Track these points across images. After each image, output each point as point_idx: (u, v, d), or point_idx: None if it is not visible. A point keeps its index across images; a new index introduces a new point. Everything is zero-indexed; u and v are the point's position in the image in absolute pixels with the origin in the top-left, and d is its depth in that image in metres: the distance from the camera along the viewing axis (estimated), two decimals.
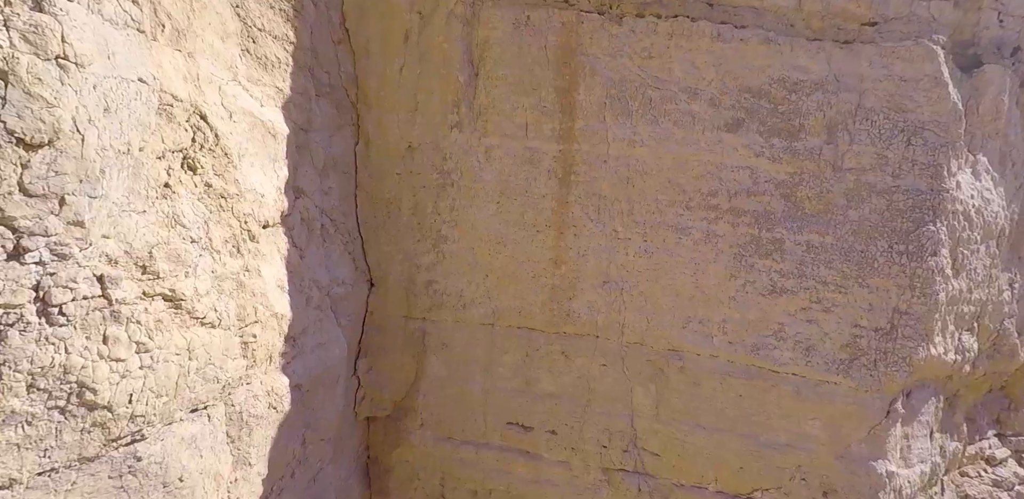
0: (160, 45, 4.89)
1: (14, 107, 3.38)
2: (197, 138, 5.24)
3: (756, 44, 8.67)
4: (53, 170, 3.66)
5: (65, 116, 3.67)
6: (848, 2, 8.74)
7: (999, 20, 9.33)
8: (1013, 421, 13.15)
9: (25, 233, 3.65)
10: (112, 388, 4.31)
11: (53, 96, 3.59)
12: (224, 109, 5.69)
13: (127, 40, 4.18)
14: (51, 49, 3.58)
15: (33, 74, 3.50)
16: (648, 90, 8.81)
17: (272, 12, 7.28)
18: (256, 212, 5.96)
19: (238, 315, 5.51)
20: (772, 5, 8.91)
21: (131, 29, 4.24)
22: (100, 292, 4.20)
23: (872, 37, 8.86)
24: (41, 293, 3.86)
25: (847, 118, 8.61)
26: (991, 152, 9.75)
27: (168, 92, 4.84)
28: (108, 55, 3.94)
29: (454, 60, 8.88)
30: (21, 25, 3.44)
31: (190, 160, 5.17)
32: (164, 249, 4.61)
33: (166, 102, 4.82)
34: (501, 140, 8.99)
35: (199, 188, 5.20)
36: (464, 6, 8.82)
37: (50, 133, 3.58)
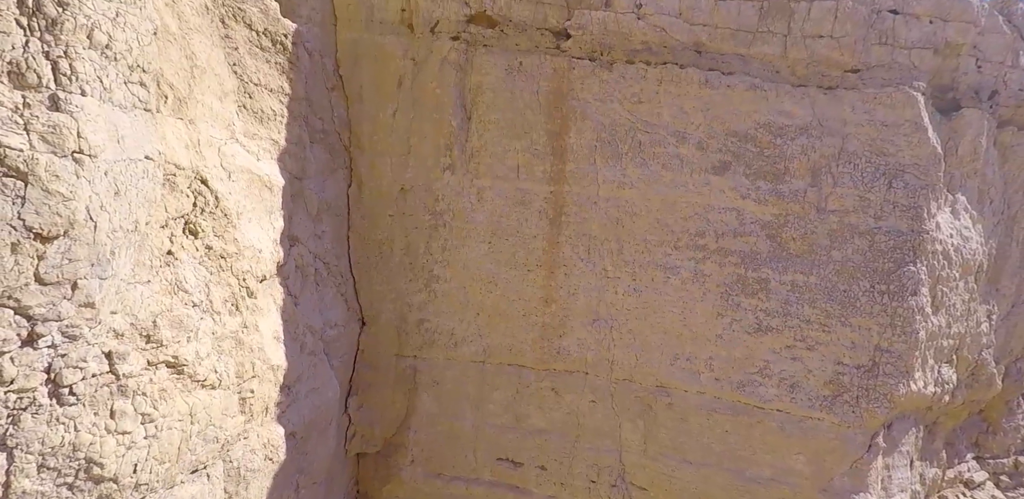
0: (164, 116, 5.03)
1: (32, 205, 3.52)
2: (198, 202, 5.39)
3: (743, 90, 8.90)
4: (67, 258, 3.80)
5: (79, 207, 3.82)
6: (832, 50, 9.01)
7: (977, 66, 9.62)
8: (991, 444, 13.46)
9: (39, 320, 3.79)
10: (118, 460, 4.44)
11: (69, 190, 3.73)
12: (223, 170, 5.84)
13: (134, 121, 4.33)
14: (68, 146, 3.73)
15: (51, 172, 3.64)
16: (638, 134, 9.02)
17: (268, 66, 7.44)
18: (254, 268, 6.11)
19: (237, 372, 5.66)
20: (758, 52, 9.15)
21: (139, 110, 4.38)
22: (108, 368, 4.34)
23: (855, 83, 9.12)
24: (52, 374, 3.99)
25: (830, 161, 8.86)
26: (970, 191, 10.05)
27: (172, 162, 4.98)
28: (118, 139, 4.08)
29: (447, 105, 9.05)
30: (40, 127, 3.58)
31: (191, 225, 5.32)
32: (167, 317, 4.75)
33: (170, 172, 4.96)
34: (493, 182, 9.17)
35: (200, 251, 5.35)
36: (457, 53, 9.00)
37: (66, 225, 3.72)
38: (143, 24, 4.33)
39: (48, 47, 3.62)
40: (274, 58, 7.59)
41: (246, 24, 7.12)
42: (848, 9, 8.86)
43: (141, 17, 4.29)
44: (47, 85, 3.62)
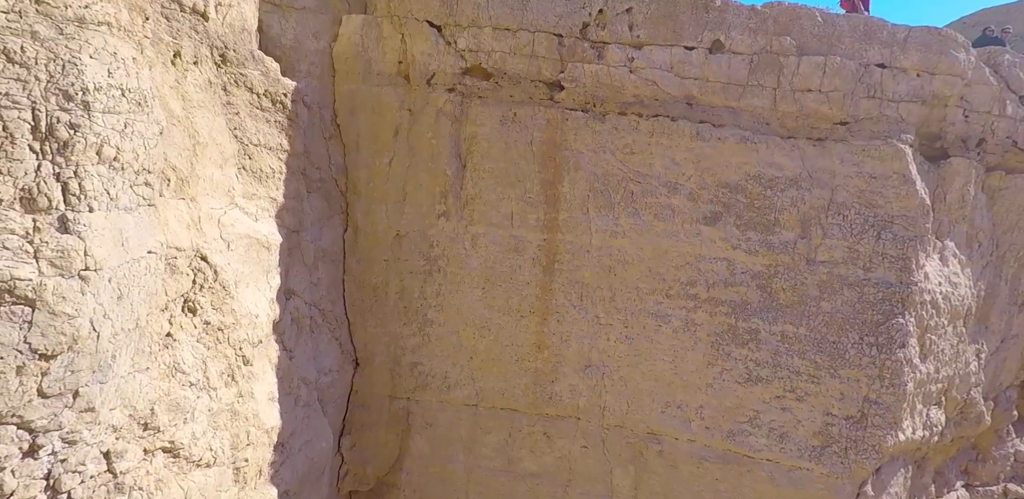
0: (166, 199, 5.21)
1: (39, 328, 3.67)
2: (197, 279, 5.56)
3: (733, 143, 9.07)
4: (70, 370, 3.94)
5: (83, 322, 3.96)
6: (821, 104, 9.18)
7: (965, 116, 9.79)
8: (981, 472, 13.44)
9: (40, 432, 3.89)
10: None
11: (74, 308, 3.88)
12: (222, 240, 6.01)
13: (139, 219, 4.50)
14: (75, 267, 3.88)
15: (58, 294, 3.79)
16: (630, 184, 9.19)
17: (268, 126, 7.64)
18: (251, 335, 6.27)
19: (232, 444, 5.78)
20: (748, 105, 9.34)
21: (143, 207, 4.55)
22: (106, 467, 4.42)
23: (844, 136, 9.29)
24: (52, 481, 4.07)
25: (820, 213, 9.01)
26: (958, 236, 10.19)
27: (173, 246, 5.15)
28: (122, 242, 4.24)
29: (442, 154, 9.24)
30: (49, 253, 3.73)
31: (191, 302, 5.48)
32: (165, 401, 4.89)
33: (171, 256, 5.13)
34: (487, 229, 9.33)
35: (198, 329, 5.51)
36: (453, 105, 9.20)
37: (69, 341, 3.86)
38: (150, 128, 4.51)
39: (59, 168, 3.80)
40: (274, 117, 7.79)
41: (247, 88, 7.33)
42: (836, 64, 9.06)
43: (148, 121, 4.47)
44: (56, 206, 3.80)
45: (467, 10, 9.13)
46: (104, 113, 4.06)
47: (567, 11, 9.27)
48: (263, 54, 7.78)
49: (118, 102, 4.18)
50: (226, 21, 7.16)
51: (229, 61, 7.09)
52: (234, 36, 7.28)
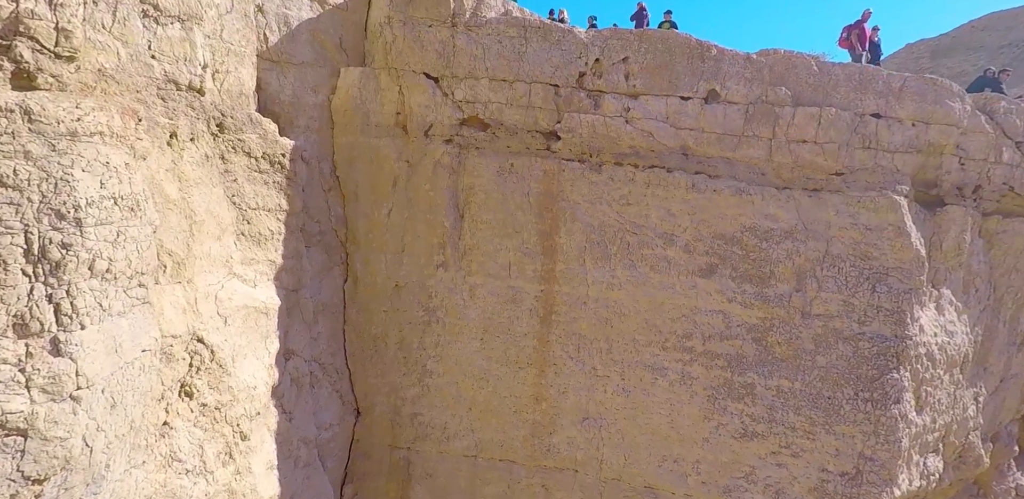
0: (162, 286, 5.28)
1: (31, 455, 3.71)
2: (194, 362, 5.62)
3: (728, 195, 9.10)
4: (63, 488, 3.97)
5: (76, 442, 4.00)
6: (816, 155, 9.22)
7: (961, 164, 9.80)
8: None
9: None
10: None
11: (67, 431, 3.92)
12: (219, 317, 6.08)
13: (133, 320, 4.56)
14: (67, 390, 3.92)
15: (50, 419, 3.84)
16: (626, 235, 9.23)
17: (266, 187, 7.70)
18: (249, 409, 6.33)
19: None
20: (744, 156, 9.37)
21: (137, 307, 4.60)
22: None
23: (839, 186, 9.31)
24: None
25: (815, 265, 9.03)
26: (955, 283, 10.19)
27: (169, 335, 5.21)
28: (115, 349, 4.30)
29: (440, 206, 9.29)
30: (41, 381, 3.77)
31: (187, 387, 5.54)
32: (161, 493, 4.94)
33: (166, 345, 5.19)
34: (485, 279, 9.37)
35: (195, 412, 5.57)
36: (450, 157, 9.26)
37: (62, 463, 3.90)
38: (143, 231, 4.57)
39: (51, 289, 3.86)
40: (272, 177, 7.86)
41: (245, 153, 7.39)
42: (831, 116, 9.10)
43: (142, 224, 4.53)
44: (49, 329, 3.85)
45: (464, 62, 9.20)
46: (97, 226, 4.12)
47: (563, 62, 9.34)
48: (260, 116, 7.85)
49: (110, 213, 4.25)
50: (223, 88, 7.23)
51: (227, 128, 7.16)
52: (231, 101, 7.35)
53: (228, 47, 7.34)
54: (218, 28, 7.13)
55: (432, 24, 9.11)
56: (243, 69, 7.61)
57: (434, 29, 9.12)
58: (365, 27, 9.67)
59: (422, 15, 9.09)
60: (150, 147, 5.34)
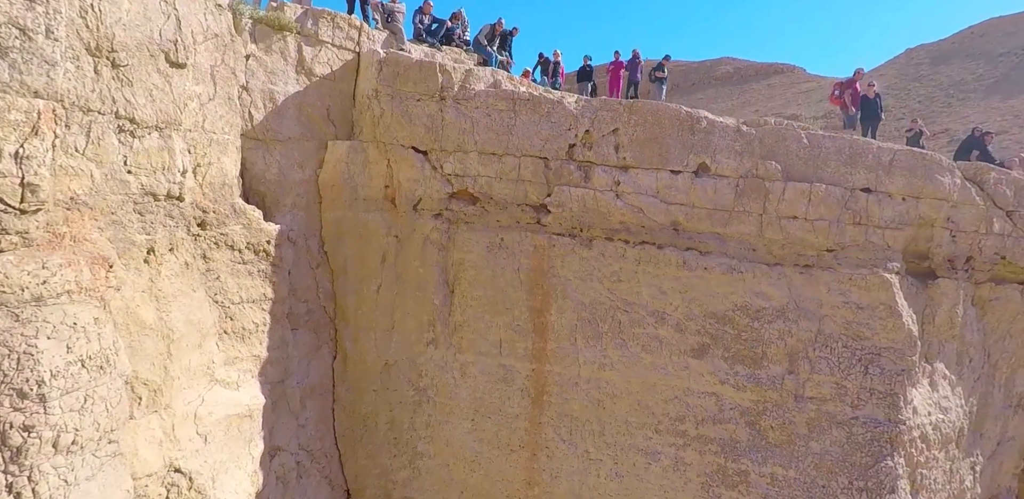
0: (136, 421, 5.10)
1: None
2: (171, 495, 5.42)
3: (720, 273, 8.99)
4: None
5: None
6: (807, 232, 9.14)
7: (952, 237, 9.73)
8: None
9: None
10: None
11: None
12: (199, 436, 5.90)
13: (103, 480, 4.34)
14: None
15: None
16: (617, 313, 9.10)
17: (250, 278, 7.54)
18: None
19: None
20: (735, 232, 9.28)
21: (107, 463, 4.39)
22: None
23: (830, 263, 9.22)
24: None
25: (807, 346, 8.91)
26: (948, 355, 10.12)
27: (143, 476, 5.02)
28: None
29: (430, 283, 9.15)
30: None
31: None
32: None
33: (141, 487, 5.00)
34: (476, 357, 9.22)
35: None
36: (439, 232, 9.13)
37: None
38: (113, 384, 4.40)
39: (11, 477, 3.68)
40: (257, 266, 7.70)
41: (228, 246, 7.24)
42: (822, 192, 9.04)
43: (111, 379, 4.37)
44: None
45: (453, 135, 9.09)
46: (62, 397, 3.96)
47: (553, 134, 9.25)
48: (244, 204, 7.70)
49: (77, 378, 4.09)
50: (205, 181, 7.08)
51: (208, 225, 7.01)
52: (214, 194, 7.20)
53: (211, 137, 7.20)
54: (199, 120, 6.99)
55: (420, 98, 9.01)
56: (226, 157, 7.46)
57: (422, 103, 9.02)
58: (353, 95, 9.55)
59: (410, 89, 8.99)
60: (124, 276, 5.18)
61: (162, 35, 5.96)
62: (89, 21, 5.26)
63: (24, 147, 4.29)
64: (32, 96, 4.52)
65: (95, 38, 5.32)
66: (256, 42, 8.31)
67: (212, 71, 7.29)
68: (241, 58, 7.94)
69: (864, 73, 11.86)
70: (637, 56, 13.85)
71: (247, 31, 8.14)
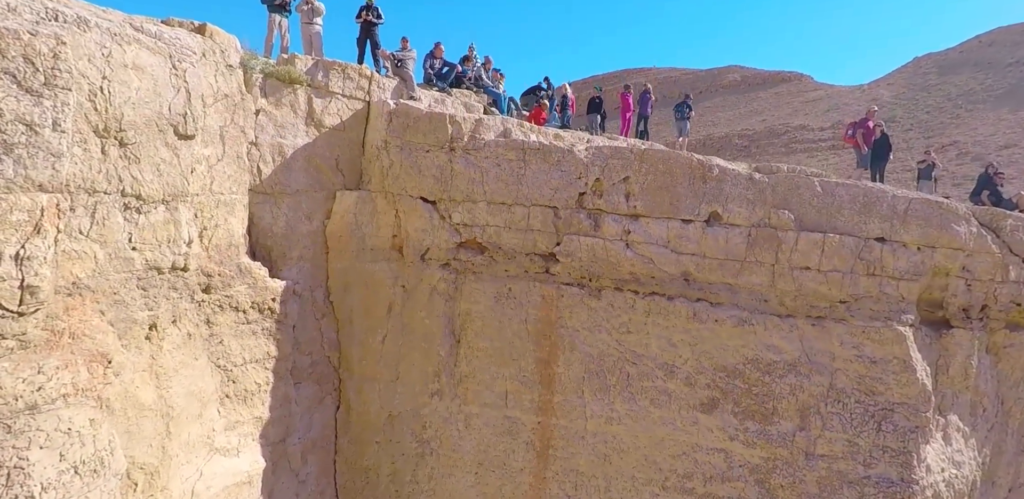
0: None
1: None
2: None
3: (731, 326, 8.86)
4: None
5: None
6: (820, 284, 8.99)
7: (967, 286, 9.56)
8: None
9: None
10: None
11: None
12: None
13: None
14: None
15: None
16: (626, 365, 8.98)
17: (254, 338, 7.47)
18: None
19: None
20: (746, 282, 9.15)
21: None
22: None
23: (843, 315, 9.08)
24: None
25: (819, 401, 8.77)
26: (961, 406, 9.94)
27: None
28: None
29: (436, 334, 9.05)
30: None
31: None
32: None
33: None
34: (481, 409, 9.11)
35: None
36: (446, 283, 9.04)
37: None
38: (108, 484, 4.34)
39: None
40: (261, 325, 7.63)
41: (233, 308, 7.17)
42: (835, 243, 8.89)
43: (105, 480, 4.30)
44: None
45: (462, 185, 9.01)
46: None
47: (563, 183, 9.15)
48: (250, 263, 7.64)
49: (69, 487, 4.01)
50: (212, 244, 7.02)
51: (213, 288, 6.94)
52: (220, 256, 7.13)
53: (218, 198, 7.13)
54: (207, 183, 6.93)
55: (430, 149, 8.93)
56: (233, 218, 7.40)
57: (432, 154, 8.94)
58: (363, 143, 9.48)
59: (420, 140, 8.91)
60: (124, 360, 5.10)
61: (171, 109, 5.90)
62: (98, 104, 5.20)
63: (25, 247, 4.22)
64: (36, 190, 4.46)
65: (103, 120, 5.26)
66: (266, 96, 8.25)
67: (221, 132, 7.23)
68: (251, 115, 7.88)
69: (875, 113, 11.72)
70: (648, 91, 13.76)
71: (257, 86, 8.09)
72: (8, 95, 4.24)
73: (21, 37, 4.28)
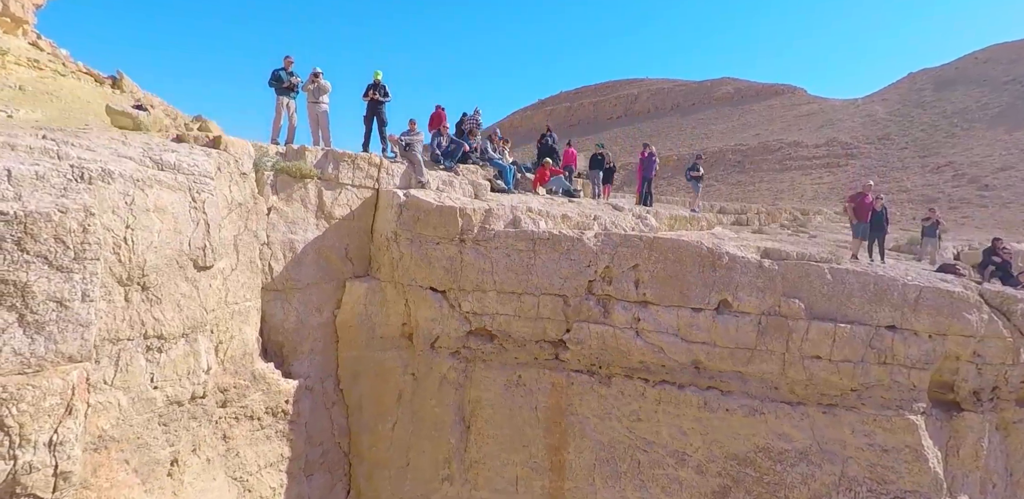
0: None
1: None
2: None
3: (741, 416, 8.88)
4: None
5: None
6: (831, 374, 9.01)
7: (978, 370, 9.61)
8: None
9: None
10: None
11: None
12: None
13: None
14: None
15: None
16: (637, 453, 8.99)
17: (268, 443, 7.51)
18: None
19: None
20: (757, 371, 9.17)
21: None
22: None
23: (854, 403, 9.10)
24: None
25: (831, 489, 8.76)
26: (971, 486, 9.94)
27: None
28: None
29: (446, 422, 9.07)
30: None
31: None
32: None
33: None
34: (491, 495, 9.12)
35: None
36: (456, 372, 9.06)
37: None
38: None
39: None
40: (275, 428, 7.65)
41: (248, 418, 7.19)
42: (846, 333, 8.91)
43: None
44: None
45: (472, 275, 9.04)
46: None
47: (573, 272, 9.18)
48: (263, 368, 7.68)
49: None
50: (227, 356, 7.05)
51: (229, 402, 6.97)
52: (235, 367, 7.17)
53: (233, 308, 7.17)
54: (222, 296, 6.96)
55: (440, 241, 8.97)
56: (247, 325, 7.43)
57: (442, 246, 8.98)
58: (371, 229, 9.52)
59: (430, 233, 8.95)
60: None
61: (191, 244, 5.94)
62: (122, 255, 5.24)
63: (58, 432, 4.24)
64: (67, 362, 4.48)
65: (127, 270, 5.30)
66: (277, 193, 8.31)
67: (235, 241, 7.28)
68: (263, 216, 7.94)
69: (872, 187, 11.80)
70: (653, 154, 13.85)
71: (269, 185, 8.15)
72: (40, 277, 4.28)
73: (52, 218, 4.32)
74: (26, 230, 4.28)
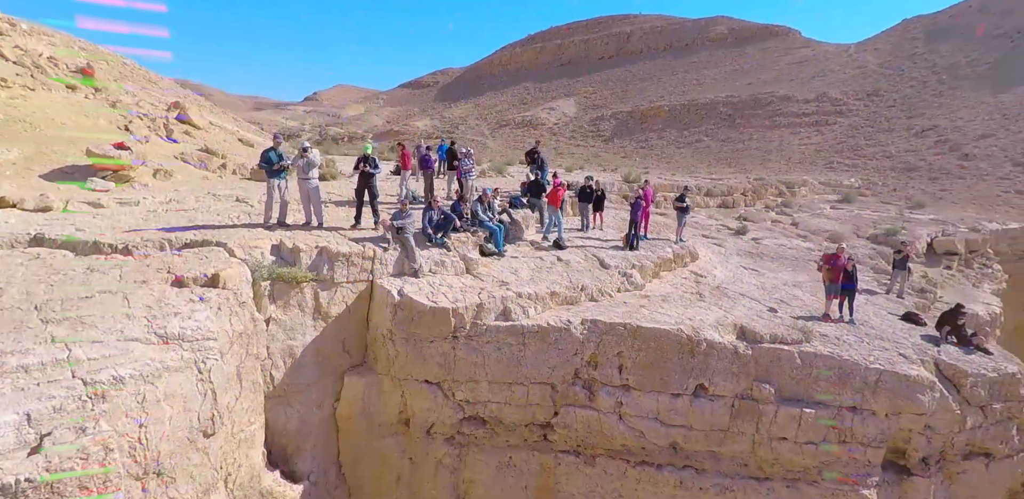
0: None
1: None
2: None
3: (714, 494, 9.71)
4: None
5: None
6: (795, 454, 9.79)
7: (928, 440, 10.48)
8: None
9: None
10: None
11: None
12: None
13: None
14: None
15: None
16: None
17: None
18: None
19: None
20: (729, 451, 9.91)
21: None
22: None
23: (815, 477, 9.87)
24: None
25: None
26: None
27: None
28: None
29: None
30: None
31: None
32: None
33: None
34: None
35: None
36: (451, 457, 9.68)
37: None
38: None
39: None
40: None
41: None
42: (811, 418, 9.64)
43: None
44: None
45: (464, 368, 9.46)
46: None
47: (560, 361, 9.65)
48: (271, 483, 8.15)
49: None
50: (236, 484, 7.51)
51: None
52: (242, 492, 7.63)
53: (239, 437, 7.55)
54: (229, 429, 7.32)
55: (434, 340, 9.31)
56: (254, 450, 7.84)
57: (436, 344, 9.33)
58: (367, 318, 9.78)
59: (424, 333, 9.27)
60: None
61: (200, 418, 6.24)
62: (138, 456, 5.56)
63: None
64: None
65: (143, 466, 5.64)
66: (275, 301, 8.50)
67: (238, 370, 7.53)
68: (263, 334, 8.17)
69: (845, 250, 12.25)
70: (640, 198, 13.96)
71: (266, 295, 8.33)
72: None
73: (75, 468, 4.63)
74: (52, 489, 4.59)
